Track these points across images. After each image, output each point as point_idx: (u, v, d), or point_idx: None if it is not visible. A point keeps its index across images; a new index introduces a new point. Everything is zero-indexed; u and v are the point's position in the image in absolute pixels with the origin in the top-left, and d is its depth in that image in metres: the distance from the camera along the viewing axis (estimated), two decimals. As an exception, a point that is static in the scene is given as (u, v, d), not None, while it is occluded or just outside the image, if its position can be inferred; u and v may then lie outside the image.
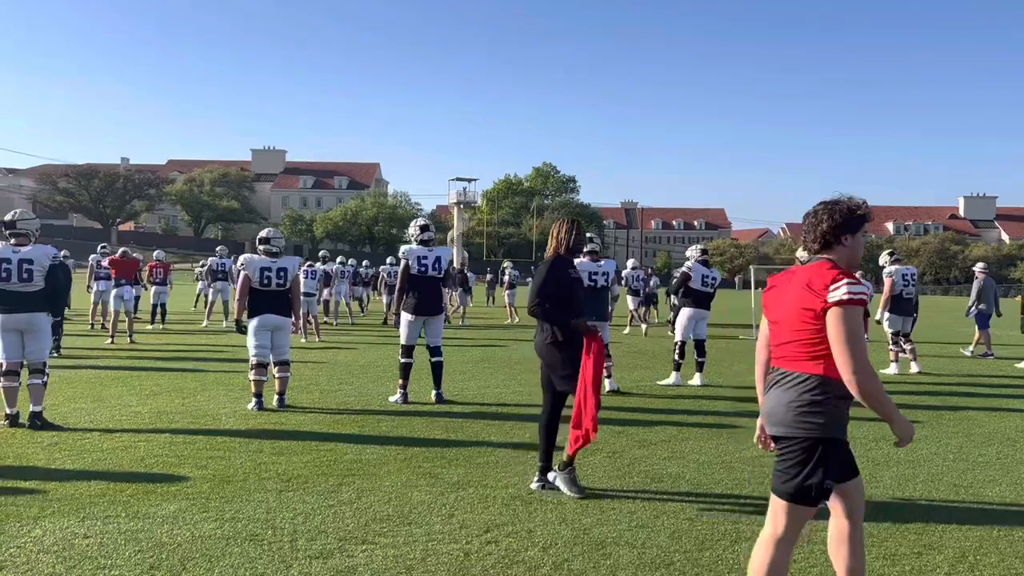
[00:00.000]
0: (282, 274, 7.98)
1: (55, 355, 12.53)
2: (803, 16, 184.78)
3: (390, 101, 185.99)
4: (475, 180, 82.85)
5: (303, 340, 14.72)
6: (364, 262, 26.20)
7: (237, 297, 8.07)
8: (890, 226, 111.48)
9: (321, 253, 21.03)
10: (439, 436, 6.78)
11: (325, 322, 18.95)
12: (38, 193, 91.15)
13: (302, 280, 13.31)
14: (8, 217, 7.08)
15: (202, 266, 24.25)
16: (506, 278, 24.20)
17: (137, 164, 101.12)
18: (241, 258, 8.09)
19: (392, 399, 8.44)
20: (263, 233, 8.25)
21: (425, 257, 8.47)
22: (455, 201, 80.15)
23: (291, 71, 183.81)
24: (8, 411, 6.84)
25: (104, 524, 4.33)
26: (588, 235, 9.85)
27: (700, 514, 4.71)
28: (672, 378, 10.08)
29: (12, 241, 6.90)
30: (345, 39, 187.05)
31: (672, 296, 11.94)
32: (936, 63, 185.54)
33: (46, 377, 6.94)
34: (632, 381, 10.40)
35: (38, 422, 6.69)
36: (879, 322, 11.97)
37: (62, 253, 10.22)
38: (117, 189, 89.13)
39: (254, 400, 7.79)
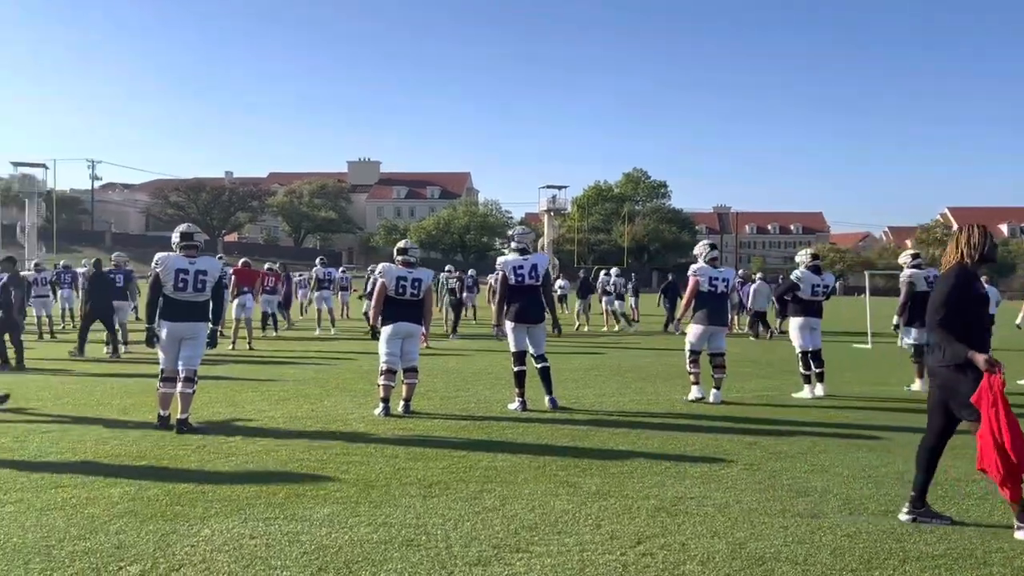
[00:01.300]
0: (417, 284, 8.16)
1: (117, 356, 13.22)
2: (915, 19, 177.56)
3: (480, 110, 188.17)
4: (565, 187, 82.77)
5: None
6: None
7: (373, 305, 8.28)
8: (1004, 228, 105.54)
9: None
10: (567, 444, 6.76)
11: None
12: (151, 206, 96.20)
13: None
14: (185, 228, 7.44)
15: (302, 275, 25.07)
16: (610, 286, 24.03)
17: (241, 177, 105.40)
18: (379, 267, 8.33)
19: (511, 407, 8.48)
20: (401, 244, 8.44)
21: (521, 266, 8.50)
22: (545, 208, 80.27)
23: (384, 85, 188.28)
24: (162, 413, 7.20)
25: (266, 525, 4.48)
26: (710, 243, 9.74)
27: (858, 531, 4.53)
28: (805, 391, 9.73)
29: (185, 252, 7.26)
30: (435, 54, 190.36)
31: (773, 301, 11.61)
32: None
33: (196, 385, 7.28)
34: (749, 391, 10.15)
35: (184, 428, 7.01)
36: (896, 328, 10.84)
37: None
38: (222, 202, 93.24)
39: (381, 405, 7.96)
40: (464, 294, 22.48)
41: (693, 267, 9.42)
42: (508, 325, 8.49)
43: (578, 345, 16.34)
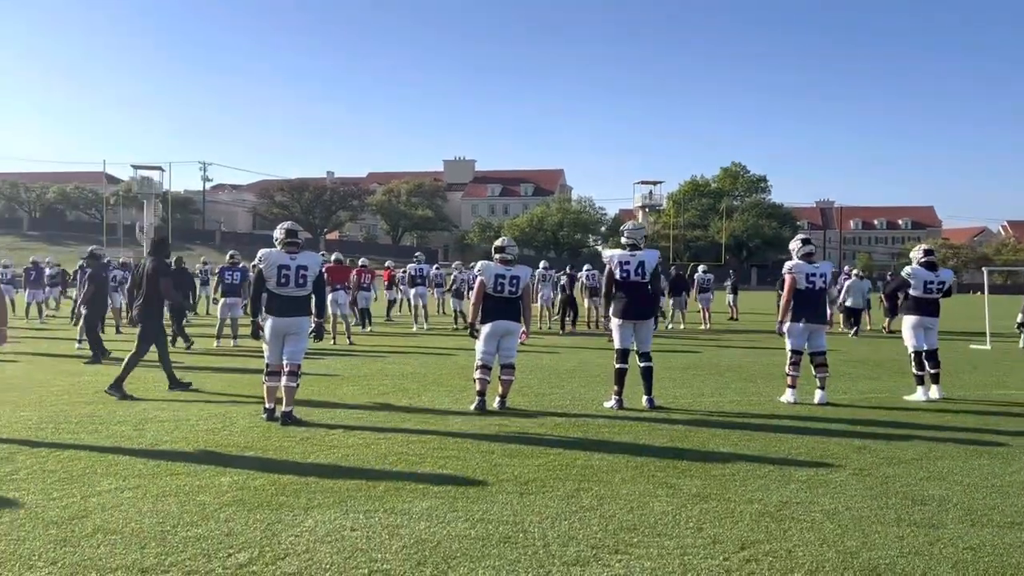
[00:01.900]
0: (515, 282, 8.16)
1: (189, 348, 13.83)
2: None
3: (574, 107, 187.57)
4: (660, 183, 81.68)
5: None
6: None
7: (472, 302, 8.35)
8: None
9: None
10: (665, 444, 6.62)
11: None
12: (258, 206, 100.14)
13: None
14: (288, 226, 7.64)
15: (403, 272, 25.54)
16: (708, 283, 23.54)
17: (341, 177, 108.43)
18: (479, 265, 8.35)
19: (607, 404, 8.39)
20: (499, 242, 8.45)
21: (627, 261, 8.35)
22: (640, 204, 79.43)
23: (478, 84, 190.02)
24: (267, 406, 7.45)
25: (367, 518, 4.55)
26: (805, 237, 9.38)
27: (982, 544, 4.24)
28: (918, 393, 9.25)
29: (287, 249, 7.46)
30: (528, 53, 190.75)
31: (882, 298, 11.01)
32: None
33: (299, 379, 7.50)
34: (857, 392, 9.71)
35: (289, 420, 7.22)
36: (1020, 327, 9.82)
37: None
38: (324, 201, 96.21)
39: (477, 400, 8.00)
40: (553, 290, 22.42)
41: (788, 264, 9.08)
42: (614, 322, 8.40)
43: (674, 343, 16.04)
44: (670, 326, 21.38)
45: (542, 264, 22.19)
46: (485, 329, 8.15)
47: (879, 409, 8.53)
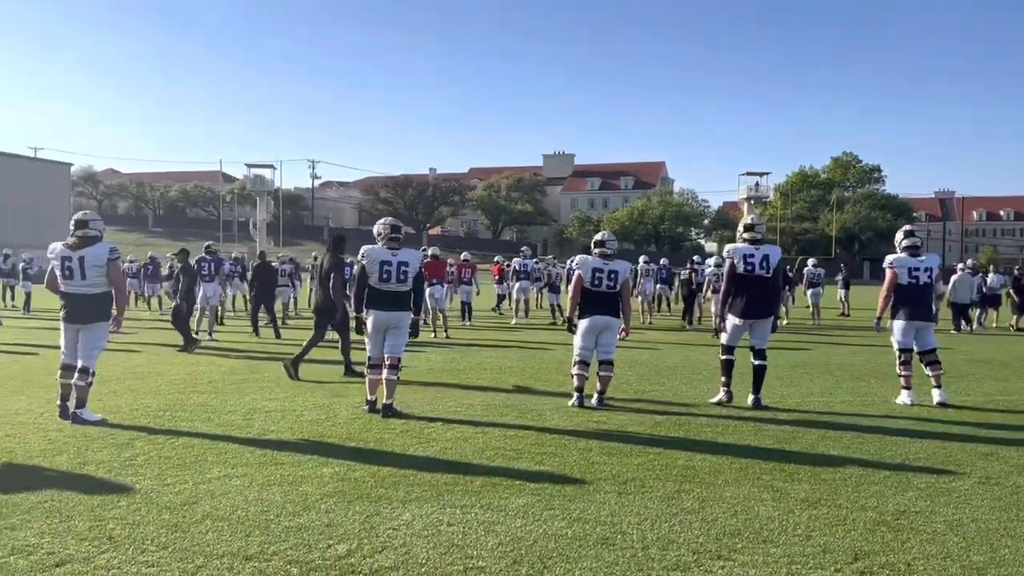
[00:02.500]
0: (613, 276, 8.00)
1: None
2: None
3: (675, 98, 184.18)
4: (767, 174, 79.32)
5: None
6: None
7: (570, 297, 8.26)
8: None
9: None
10: (771, 446, 6.36)
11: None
12: (363, 202, 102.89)
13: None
14: (390, 221, 7.76)
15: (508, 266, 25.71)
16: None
17: (443, 173, 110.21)
18: (576, 259, 8.24)
19: (714, 399, 8.18)
20: (599, 236, 8.30)
21: (752, 256, 8.03)
22: (745, 197, 77.31)
23: (578, 78, 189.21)
24: (369, 398, 7.60)
25: (463, 513, 4.54)
26: (909, 229, 8.85)
27: None
28: None
29: (388, 245, 7.58)
30: (628, 47, 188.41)
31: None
32: None
33: (400, 372, 7.60)
34: (982, 394, 9.10)
35: (389, 412, 7.33)
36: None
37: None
38: (427, 197, 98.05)
39: (575, 396, 7.92)
40: (658, 285, 22.05)
41: (889, 258, 8.57)
42: (732, 320, 8.15)
43: (781, 340, 15.48)
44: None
45: (642, 259, 21.85)
46: (583, 324, 8.02)
47: (1008, 413, 7.95)
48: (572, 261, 8.40)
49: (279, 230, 77.25)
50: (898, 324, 8.45)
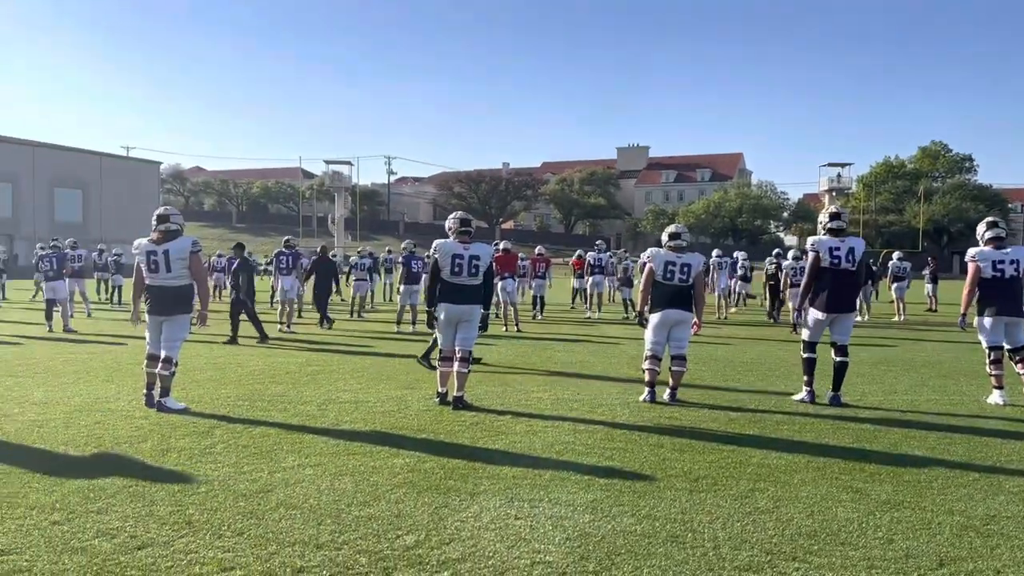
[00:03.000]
0: (686, 269, 7.87)
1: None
2: None
3: (752, 89, 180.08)
4: (849, 164, 76.99)
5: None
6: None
7: (641, 290, 8.18)
8: None
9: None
10: (851, 444, 6.14)
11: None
12: (437, 197, 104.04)
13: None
14: (461, 215, 7.86)
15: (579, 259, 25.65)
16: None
17: (516, 168, 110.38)
18: (648, 252, 8.13)
19: (796, 397, 7.97)
20: (672, 228, 8.19)
21: (837, 248, 7.76)
22: (826, 188, 75.15)
23: (651, 71, 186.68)
24: (440, 389, 7.67)
25: (531, 507, 4.52)
26: (992, 219, 8.43)
27: None
28: None
29: (460, 239, 7.63)
30: (699, 34, 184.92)
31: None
32: None
33: (470, 365, 7.64)
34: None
35: (460, 405, 7.37)
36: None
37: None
38: (500, 191, 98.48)
39: (647, 391, 7.82)
40: (734, 279, 21.62)
41: (971, 251, 8.15)
42: (814, 314, 7.92)
43: (863, 336, 14.97)
44: (858, 318, 20.03)
45: (715, 252, 21.44)
46: (654, 319, 7.91)
47: (1110, 415, 7.49)
48: (644, 254, 8.26)
49: (356, 225, 78.75)
50: (986, 321, 8.06)
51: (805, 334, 8.06)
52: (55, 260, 15.75)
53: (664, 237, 8.14)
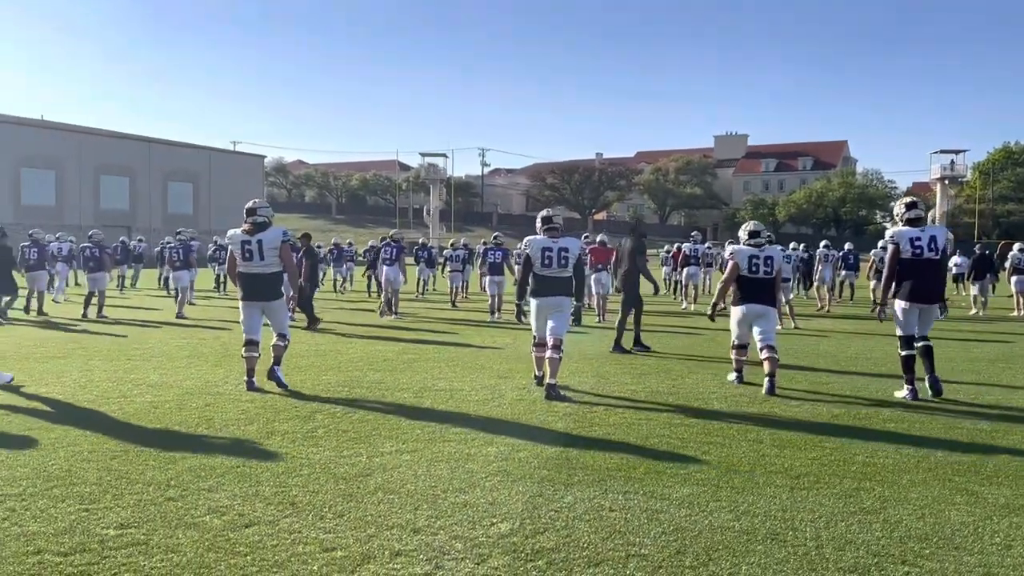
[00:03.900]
0: (769, 262, 8.09)
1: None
2: None
3: (856, 73, 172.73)
4: (964, 151, 73.14)
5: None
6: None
7: (722, 283, 8.46)
8: None
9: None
10: (966, 444, 5.82)
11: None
12: (530, 188, 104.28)
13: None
14: (546, 212, 8.08)
15: (667, 252, 25.27)
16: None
17: (610, 158, 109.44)
18: (729, 248, 8.26)
19: (899, 394, 7.63)
20: (750, 226, 8.38)
21: (918, 238, 7.58)
22: (938, 176, 71.61)
23: (749, 56, 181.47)
24: (536, 373, 7.96)
25: (625, 499, 4.48)
26: (910, 200, 8.18)
27: None
28: None
29: (548, 233, 7.87)
30: (800, 17, 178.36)
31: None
32: None
33: (562, 352, 7.68)
34: None
35: (553, 393, 7.39)
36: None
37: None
38: (593, 182, 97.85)
39: (734, 374, 8.21)
40: (843, 271, 20.87)
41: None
42: (900, 305, 7.66)
43: (979, 331, 14.16)
44: (973, 312, 18.98)
45: (823, 244, 20.80)
46: (737, 312, 8.16)
47: None
48: (726, 251, 8.46)
49: (451, 216, 79.81)
50: None
51: (898, 330, 7.77)
52: (181, 251, 16.83)
53: (743, 235, 8.35)
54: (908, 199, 8.09)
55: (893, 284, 7.71)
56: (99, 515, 4.16)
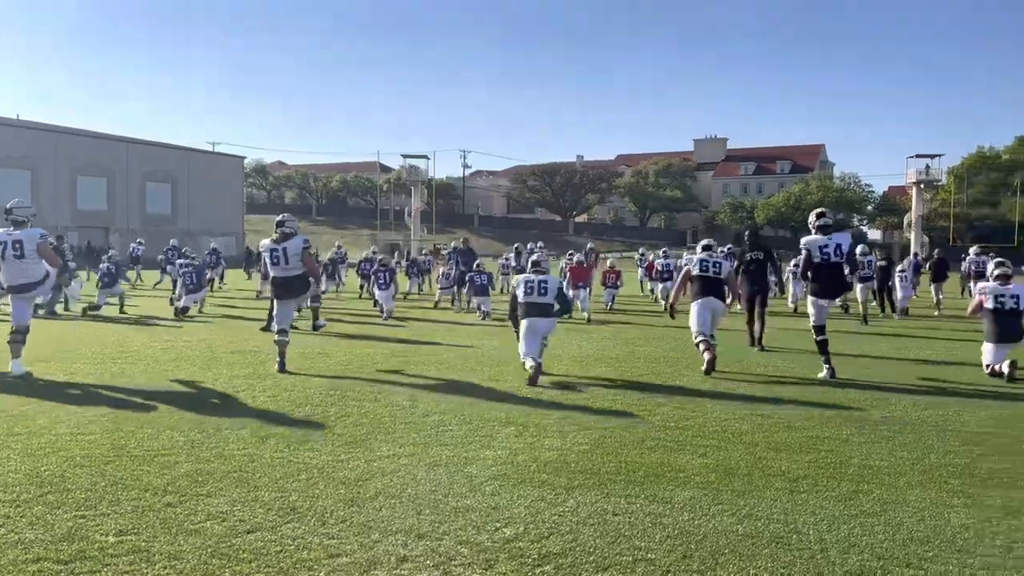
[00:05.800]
0: (718, 265, 9.60)
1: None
2: None
3: (834, 77, 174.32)
4: (939, 156, 73.93)
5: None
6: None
7: (676, 285, 9.63)
8: None
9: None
10: (958, 447, 5.87)
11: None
12: (511, 191, 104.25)
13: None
14: (518, 247, 8.32)
15: (642, 255, 25.38)
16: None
17: (591, 161, 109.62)
18: (684, 257, 8.64)
19: (821, 375, 8.82)
20: (705, 242, 10.05)
21: (826, 245, 8.76)
22: (914, 180, 72.41)
23: (730, 60, 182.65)
24: (529, 372, 7.76)
25: (628, 503, 4.48)
26: (820, 210, 9.18)
27: None
28: None
29: (535, 271, 9.18)
30: (778, 20, 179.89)
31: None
32: None
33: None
34: None
35: (532, 380, 7.40)
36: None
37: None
38: (574, 184, 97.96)
39: (706, 359, 9.03)
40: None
41: None
42: (811, 300, 9.13)
43: (950, 331, 14.33)
44: (937, 313, 19.20)
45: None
46: (695, 306, 9.36)
47: None
48: (682, 260, 9.74)
49: (432, 218, 79.57)
50: None
51: (811, 320, 8.97)
52: (195, 275, 16.74)
53: (698, 249, 10.04)
54: (818, 210, 9.15)
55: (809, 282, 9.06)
56: (97, 522, 4.10)
